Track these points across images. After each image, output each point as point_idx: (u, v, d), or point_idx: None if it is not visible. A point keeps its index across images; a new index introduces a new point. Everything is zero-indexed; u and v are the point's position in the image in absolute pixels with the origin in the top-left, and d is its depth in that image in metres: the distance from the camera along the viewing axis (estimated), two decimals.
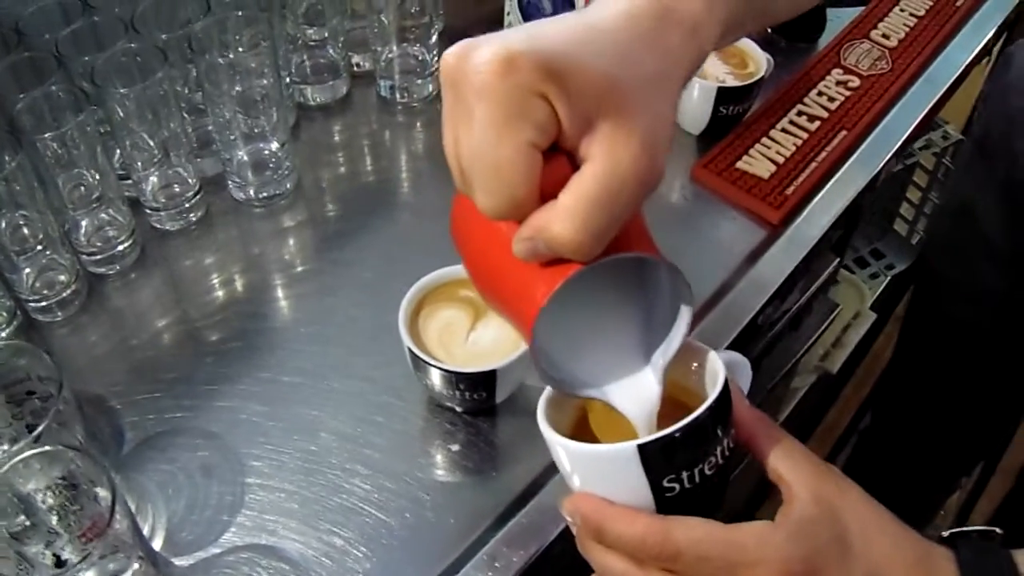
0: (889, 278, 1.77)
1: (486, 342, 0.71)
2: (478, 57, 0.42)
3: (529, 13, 0.95)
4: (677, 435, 0.50)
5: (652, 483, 0.51)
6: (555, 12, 0.92)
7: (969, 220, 0.96)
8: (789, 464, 0.53)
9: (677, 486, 0.51)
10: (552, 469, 0.71)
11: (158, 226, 0.88)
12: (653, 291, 0.54)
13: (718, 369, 0.54)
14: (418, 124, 1.00)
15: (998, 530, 0.55)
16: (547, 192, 0.45)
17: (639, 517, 0.51)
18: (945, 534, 0.55)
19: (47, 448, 0.57)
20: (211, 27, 0.82)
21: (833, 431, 1.80)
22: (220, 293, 0.84)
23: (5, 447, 0.64)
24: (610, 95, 0.43)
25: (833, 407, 1.82)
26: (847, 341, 1.47)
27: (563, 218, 0.43)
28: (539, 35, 0.43)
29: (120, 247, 0.84)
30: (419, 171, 0.96)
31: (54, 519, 0.59)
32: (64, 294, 0.81)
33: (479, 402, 0.71)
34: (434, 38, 0.96)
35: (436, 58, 0.98)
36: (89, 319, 0.82)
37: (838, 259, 1.07)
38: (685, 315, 0.52)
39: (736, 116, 0.95)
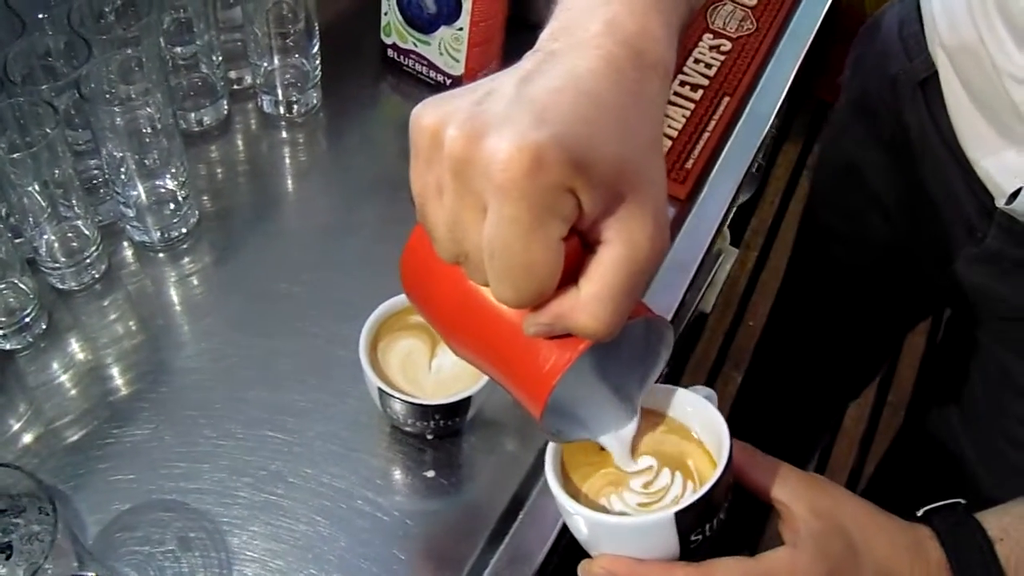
0: (735, 210, 1.85)
1: (448, 367, 0.71)
2: (498, 151, 0.40)
3: (411, 13, 0.93)
4: (707, 497, 0.52)
5: (681, 540, 0.53)
6: (439, 11, 0.91)
7: (856, 178, 1.02)
8: (780, 484, 0.56)
9: (700, 536, 0.54)
10: (532, 477, 0.73)
11: (59, 286, 0.82)
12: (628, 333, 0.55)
13: (717, 421, 0.56)
14: (306, 137, 0.97)
15: (962, 501, 0.60)
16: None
17: (675, 569, 0.53)
18: (919, 513, 0.60)
19: None
20: (94, 70, 0.77)
21: (703, 364, 1.89)
22: (144, 351, 0.80)
23: None
24: (624, 178, 0.42)
25: (701, 340, 1.90)
26: (717, 280, 1.53)
27: (590, 309, 0.43)
28: (552, 117, 0.41)
29: (27, 318, 0.78)
30: (319, 188, 0.93)
31: None
32: None
33: (451, 427, 0.72)
34: (315, 47, 0.93)
35: (318, 67, 0.95)
36: (5, 400, 0.77)
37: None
38: (664, 357, 0.54)
39: None
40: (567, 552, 0.73)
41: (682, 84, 1.00)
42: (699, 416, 0.58)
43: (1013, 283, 0.84)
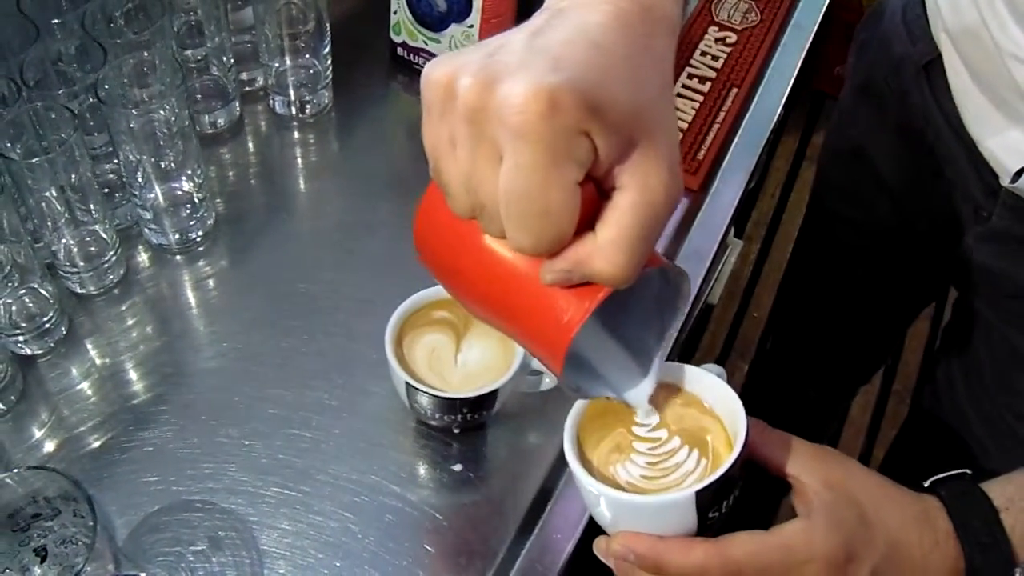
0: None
1: (475, 361, 0.72)
2: (512, 95, 0.40)
3: (421, 11, 0.94)
4: (725, 475, 0.53)
5: (699, 517, 0.54)
6: (449, 9, 0.91)
7: (863, 162, 1.02)
8: (792, 458, 0.57)
9: (717, 513, 0.55)
10: (559, 468, 0.73)
11: (78, 290, 0.82)
12: (643, 287, 0.56)
13: (731, 397, 0.57)
14: (318, 137, 0.97)
15: (968, 472, 0.60)
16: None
17: (694, 545, 0.54)
18: (927, 483, 0.61)
19: None
20: (110, 74, 0.77)
21: (709, 355, 1.90)
22: (165, 353, 0.80)
23: None
24: (638, 123, 0.43)
25: (707, 332, 1.91)
26: (723, 272, 1.54)
27: (608, 254, 0.44)
28: (565, 65, 0.41)
29: (47, 323, 0.78)
30: (333, 188, 0.94)
31: None
32: None
33: (478, 420, 0.72)
34: (327, 48, 0.93)
35: (329, 67, 0.95)
36: (28, 406, 0.77)
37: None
38: (682, 310, 0.54)
39: None
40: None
41: (690, 76, 1.01)
42: (714, 392, 0.59)
43: (1019, 262, 0.84)
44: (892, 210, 1.03)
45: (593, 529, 0.71)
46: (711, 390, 0.59)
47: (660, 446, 0.58)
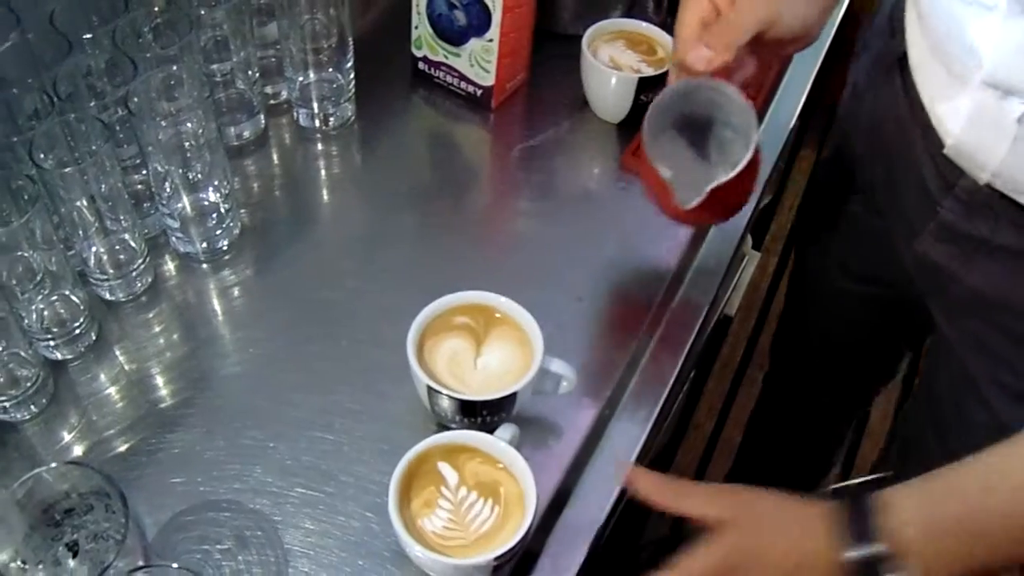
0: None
1: (495, 365, 0.73)
2: None
3: (441, 26, 0.96)
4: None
5: None
6: (469, 24, 0.94)
7: (841, 164, 1.04)
8: (688, 501, 0.64)
9: None
10: (575, 470, 0.75)
11: (108, 297, 0.84)
12: None
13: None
14: (341, 150, 0.99)
15: (888, 475, 0.63)
16: None
17: None
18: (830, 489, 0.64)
19: None
20: (139, 87, 0.79)
21: (729, 366, 1.90)
22: (191, 359, 0.82)
23: (41, 574, 0.62)
24: None
25: (725, 344, 1.92)
26: (741, 283, 1.54)
27: None
28: None
29: (78, 329, 0.80)
30: (356, 198, 0.96)
31: None
32: (30, 389, 0.77)
33: (497, 423, 0.73)
34: (350, 62, 0.96)
35: (352, 81, 0.97)
36: (58, 410, 0.79)
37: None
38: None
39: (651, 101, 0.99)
40: (612, 541, 0.75)
41: None
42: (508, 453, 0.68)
43: (968, 264, 0.83)
44: (868, 214, 1.02)
45: (611, 532, 0.72)
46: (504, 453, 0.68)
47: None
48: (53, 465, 0.61)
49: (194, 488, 0.73)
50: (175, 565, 0.58)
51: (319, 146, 0.99)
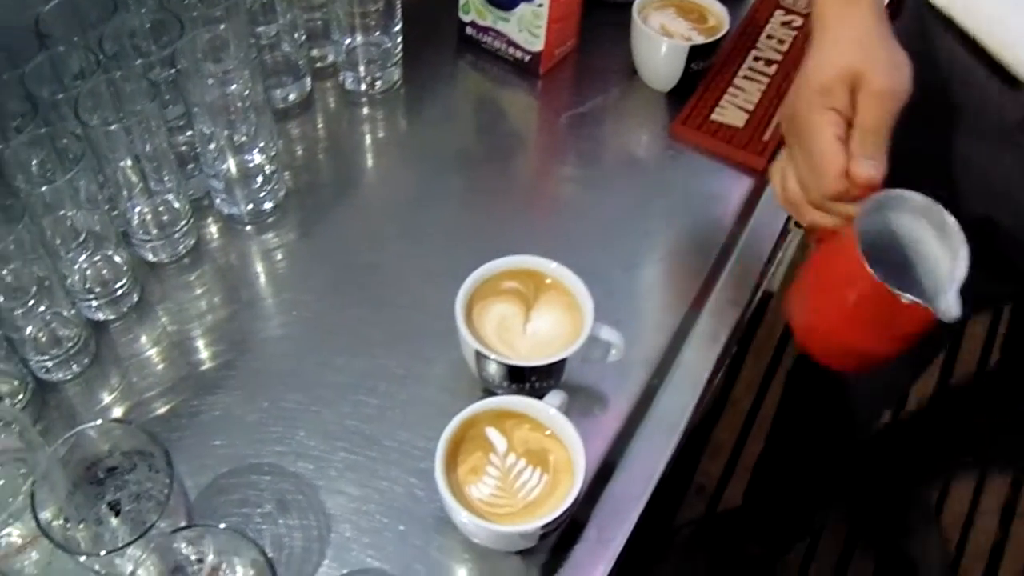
0: None
1: (544, 331, 0.72)
2: None
3: None
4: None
5: None
6: None
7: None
8: None
9: None
10: (622, 439, 0.73)
11: (151, 258, 0.84)
12: None
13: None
14: (387, 114, 0.98)
15: None
16: None
17: None
18: None
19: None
20: (186, 47, 0.78)
21: (768, 344, 1.88)
22: (234, 321, 0.81)
23: (83, 532, 0.61)
24: None
25: (764, 322, 1.89)
26: (784, 259, 1.53)
27: None
28: None
29: (120, 290, 0.80)
30: (401, 162, 0.94)
31: None
32: (72, 349, 0.76)
33: (545, 389, 0.72)
34: (397, 25, 0.94)
35: (399, 45, 0.96)
36: (99, 371, 0.78)
37: None
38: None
39: (702, 71, 0.97)
40: (657, 508, 0.73)
41: (756, 59, 1.00)
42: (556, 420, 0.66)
43: None
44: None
45: (657, 501, 0.71)
46: (554, 420, 0.66)
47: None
48: (97, 422, 0.60)
49: (235, 451, 0.73)
50: (222, 525, 0.57)
51: (365, 110, 0.98)
